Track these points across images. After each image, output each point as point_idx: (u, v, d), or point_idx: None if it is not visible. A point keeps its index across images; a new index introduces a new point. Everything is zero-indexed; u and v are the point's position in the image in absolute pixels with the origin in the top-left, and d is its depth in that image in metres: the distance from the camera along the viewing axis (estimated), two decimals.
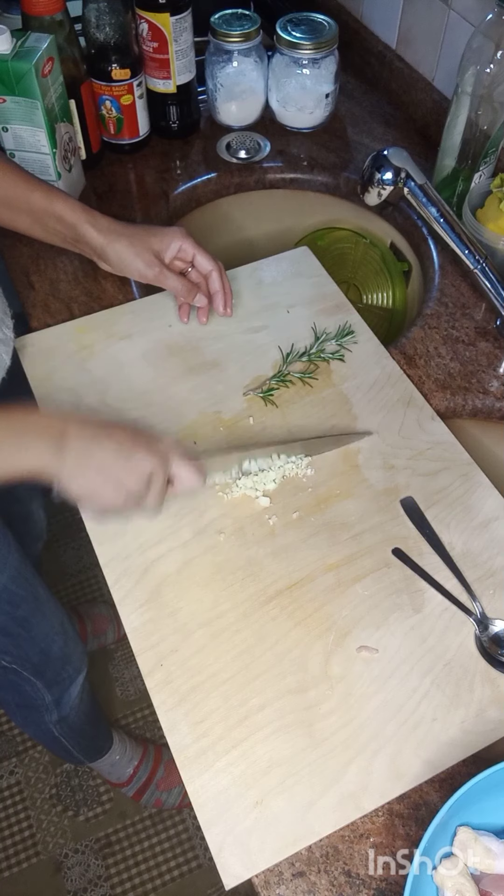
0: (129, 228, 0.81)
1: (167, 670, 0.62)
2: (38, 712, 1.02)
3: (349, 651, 0.63)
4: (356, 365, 0.83)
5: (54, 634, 0.94)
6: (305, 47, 1.01)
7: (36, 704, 1.00)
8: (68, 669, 1.00)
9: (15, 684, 0.95)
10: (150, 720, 1.43)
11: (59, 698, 1.01)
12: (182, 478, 0.66)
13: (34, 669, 0.94)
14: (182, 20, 0.97)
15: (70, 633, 0.99)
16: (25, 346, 0.84)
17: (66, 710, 1.04)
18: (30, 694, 0.97)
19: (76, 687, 1.03)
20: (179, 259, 0.82)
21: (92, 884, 1.28)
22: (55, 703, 1.01)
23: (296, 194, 1.10)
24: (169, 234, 0.81)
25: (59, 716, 1.04)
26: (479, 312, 0.89)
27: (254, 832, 0.55)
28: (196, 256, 0.82)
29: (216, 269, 0.83)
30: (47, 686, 0.97)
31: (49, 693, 0.98)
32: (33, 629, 0.91)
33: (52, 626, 0.94)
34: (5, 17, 1.06)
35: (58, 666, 0.97)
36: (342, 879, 0.54)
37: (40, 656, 0.93)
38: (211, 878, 1.28)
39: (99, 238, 0.79)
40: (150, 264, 0.80)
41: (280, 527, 0.70)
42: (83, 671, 1.04)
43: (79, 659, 1.02)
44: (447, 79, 1.04)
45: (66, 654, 0.97)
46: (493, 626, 0.64)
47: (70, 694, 1.03)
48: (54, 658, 0.95)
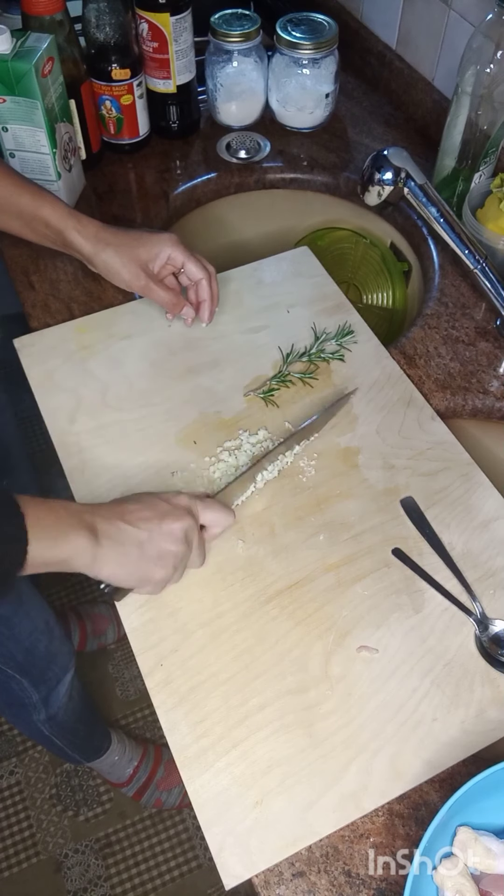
0: (117, 237, 0.80)
1: (167, 670, 0.62)
2: (27, 710, 1.02)
3: (349, 651, 0.63)
4: (356, 365, 0.83)
5: (39, 633, 0.94)
6: (305, 47, 1.01)
7: (24, 702, 1.00)
8: (54, 668, 1.00)
9: (1, 682, 0.95)
10: (150, 720, 1.43)
11: (47, 697, 1.01)
12: (213, 521, 0.66)
13: (19, 668, 0.94)
14: (182, 20, 0.97)
15: (56, 633, 0.99)
16: (25, 346, 0.84)
17: (55, 709, 1.04)
18: (16, 692, 0.97)
19: (64, 686, 1.04)
20: (170, 265, 0.81)
21: (92, 884, 1.28)
22: (42, 701, 1.01)
23: (296, 194, 1.10)
24: (158, 244, 0.79)
25: (47, 714, 1.04)
26: (479, 312, 0.89)
27: (254, 832, 0.55)
28: (186, 265, 0.80)
29: (206, 278, 0.81)
30: (34, 684, 0.97)
31: (36, 691, 0.99)
32: (16, 627, 0.91)
33: (35, 625, 0.94)
34: (5, 17, 1.06)
35: (43, 665, 0.97)
36: (342, 879, 0.54)
37: (24, 654, 0.93)
38: (211, 878, 1.28)
39: (86, 246, 0.79)
40: (137, 276, 0.79)
41: (280, 527, 0.70)
42: (70, 671, 1.04)
43: (65, 658, 1.02)
44: (447, 79, 1.04)
45: (51, 652, 0.97)
46: (493, 626, 0.64)
47: (58, 693, 1.03)
48: (39, 657, 0.96)
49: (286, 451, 0.74)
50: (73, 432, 0.77)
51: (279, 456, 0.74)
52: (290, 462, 0.74)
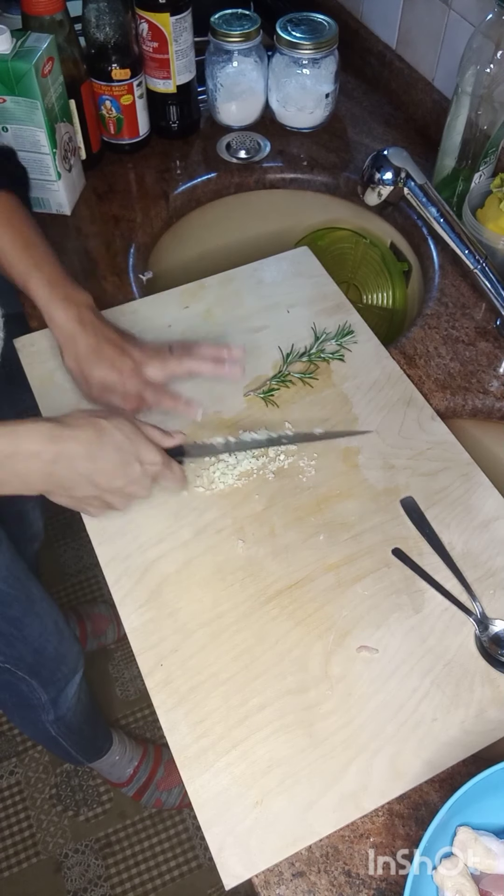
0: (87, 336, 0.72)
1: (167, 670, 0.62)
2: (35, 712, 1.02)
3: (349, 651, 0.63)
4: (356, 365, 0.83)
5: (48, 634, 0.94)
6: (305, 47, 1.01)
7: (32, 704, 1.00)
8: (63, 669, 1.00)
9: (10, 684, 0.95)
10: (150, 720, 1.43)
11: (56, 698, 1.01)
12: None
13: (29, 669, 0.94)
14: (182, 20, 0.97)
15: (65, 634, 0.99)
16: (25, 346, 0.84)
17: (63, 710, 1.04)
18: (26, 693, 0.97)
19: (73, 687, 1.04)
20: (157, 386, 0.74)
21: (92, 884, 1.28)
22: (52, 702, 1.01)
23: (296, 194, 1.10)
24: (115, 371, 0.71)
25: (55, 715, 1.04)
26: (479, 312, 0.89)
27: (254, 832, 0.55)
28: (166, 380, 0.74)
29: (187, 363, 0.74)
30: (43, 685, 0.97)
31: (45, 692, 0.99)
32: (26, 629, 0.91)
33: (45, 626, 0.94)
34: (5, 17, 1.06)
35: (53, 666, 0.97)
36: (342, 879, 0.54)
37: (34, 656, 0.93)
38: (211, 878, 1.28)
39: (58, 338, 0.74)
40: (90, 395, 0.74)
41: (280, 527, 0.70)
42: (79, 671, 1.04)
43: (74, 659, 1.02)
44: (447, 79, 1.04)
45: (60, 653, 0.97)
46: (493, 626, 0.64)
47: (66, 694, 1.03)
48: (49, 658, 0.96)
49: (273, 448, 0.74)
50: None
51: (268, 451, 0.74)
52: (282, 460, 0.74)
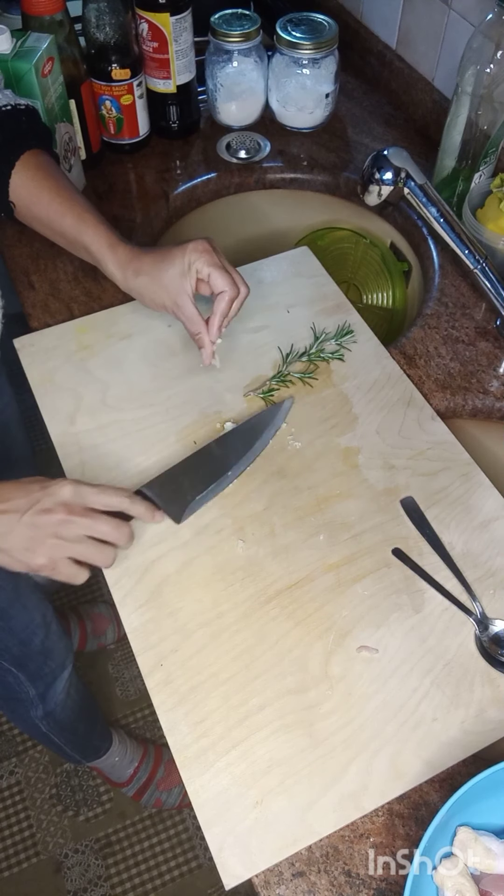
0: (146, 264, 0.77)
1: (167, 670, 0.62)
2: (24, 706, 1.02)
3: (349, 651, 0.63)
4: (356, 365, 0.83)
5: (35, 627, 0.94)
6: (305, 47, 1.01)
7: (20, 697, 1.00)
8: (50, 664, 1.00)
9: None
10: (150, 720, 1.43)
11: (44, 693, 1.01)
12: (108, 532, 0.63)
13: (14, 661, 0.94)
14: (182, 20, 0.97)
15: (53, 628, 0.99)
16: (25, 346, 0.84)
17: (52, 706, 1.04)
18: (13, 686, 0.97)
19: (61, 682, 1.04)
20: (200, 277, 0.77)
21: (92, 884, 1.28)
22: (40, 697, 1.01)
23: (296, 194, 1.10)
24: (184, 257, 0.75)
25: (44, 711, 1.04)
26: (479, 312, 0.89)
27: (254, 832, 0.55)
28: (211, 275, 0.76)
29: (227, 292, 0.76)
30: (30, 679, 0.98)
31: (33, 686, 0.99)
32: (11, 619, 0.91)
33: (32, 619, 0.94)
34: (5, 17, 1.06)
35: (39, 660, 0.97)
36: (342, 879, 0.54)
37: (20, 647, 0.93)
38: (211, 878, 1.28)
39: (118, 275, 0.79)
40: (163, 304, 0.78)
41: (280, 527, 0.70)
42: (68, 667, 1.04)
43: (62, 654, 1.02)
44: (447, 79, 1.04)
45: (47, 647, 0.98)
46: (493, 626, 0.64)
47: (55, 689, 1.03)
48: (35, 651, 0.96)
49: None
50: (73, 432, 0.77)
51: None
52: None
